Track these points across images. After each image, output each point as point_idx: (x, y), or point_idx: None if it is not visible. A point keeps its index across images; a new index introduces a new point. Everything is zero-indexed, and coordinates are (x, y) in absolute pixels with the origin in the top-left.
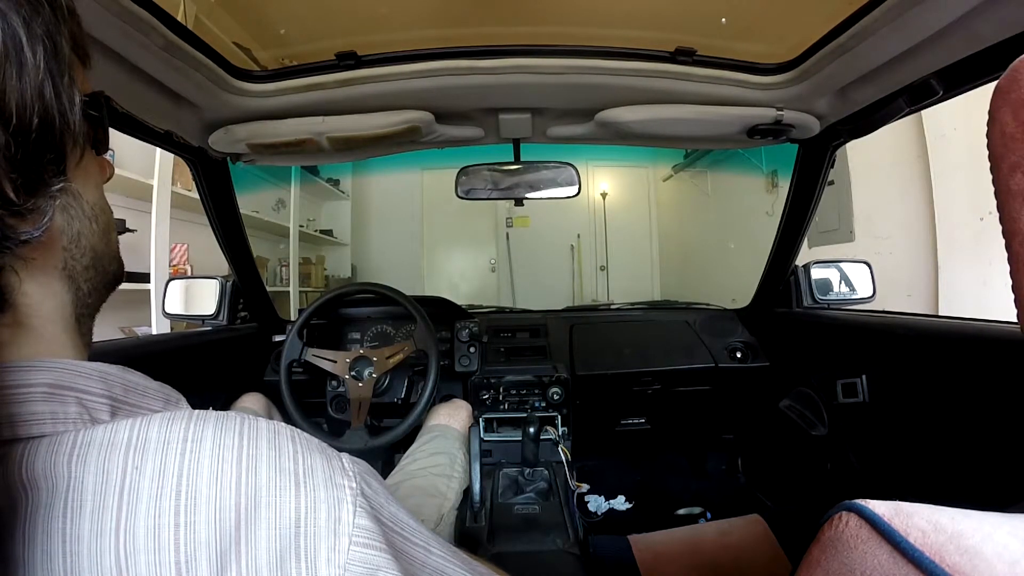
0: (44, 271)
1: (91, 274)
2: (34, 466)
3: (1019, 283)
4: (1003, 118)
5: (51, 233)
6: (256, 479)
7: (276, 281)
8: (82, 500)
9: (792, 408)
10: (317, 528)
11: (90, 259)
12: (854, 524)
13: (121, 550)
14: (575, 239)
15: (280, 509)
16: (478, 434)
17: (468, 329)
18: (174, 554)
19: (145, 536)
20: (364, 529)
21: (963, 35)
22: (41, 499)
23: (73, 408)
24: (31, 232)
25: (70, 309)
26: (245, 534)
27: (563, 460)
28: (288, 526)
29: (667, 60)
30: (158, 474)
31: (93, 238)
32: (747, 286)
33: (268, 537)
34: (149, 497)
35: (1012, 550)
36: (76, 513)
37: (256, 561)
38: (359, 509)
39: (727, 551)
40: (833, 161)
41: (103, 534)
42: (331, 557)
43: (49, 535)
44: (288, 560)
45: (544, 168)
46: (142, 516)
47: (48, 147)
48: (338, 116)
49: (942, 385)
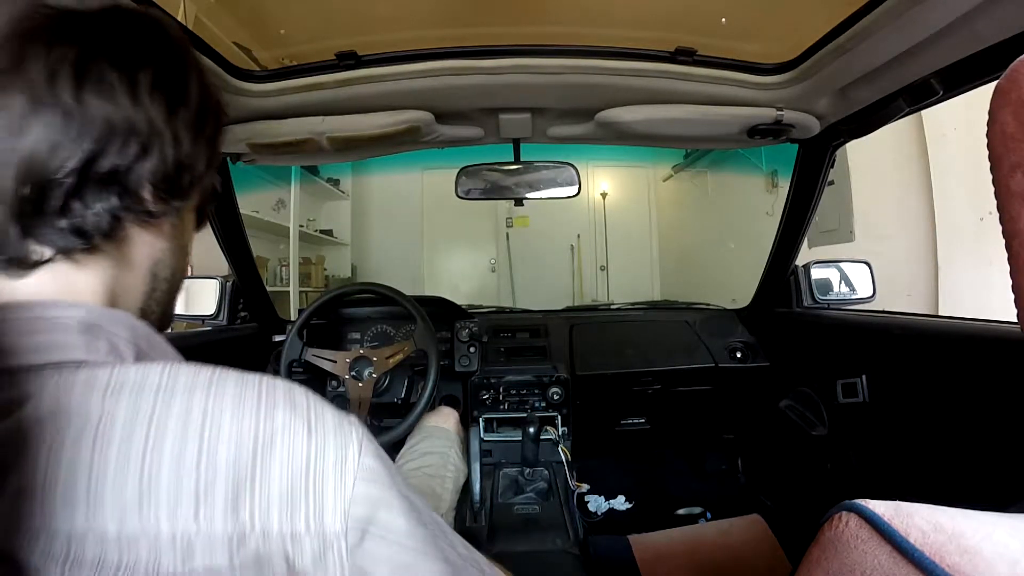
0: (144, 257)
1: (160, 293)
2: (69, 398)
3: (1019, 283)
4: (1003, 118)
5: (156, 237)
6: (273, 421)
7: (276, 281)
8: (111, 432)
9: (792, 408)
10: (325, 467)
11: (167, 282)
12: (854, 524)
13: (144, 477)
14: (575, 239)
15: (293, 448)
16: (478, 434)
17: (468, 329)
18: (194, 482)
19: (169, 465)
20: (368, 469)
21: (963, 35)
22: (71, 429)
23: (104, 345)
24: (155, 213)
25: (140, 299)
26: (260, 468)
27: (563, 460)
28: (300, 464)
29: (667, 60)
30: (185, 411)
31: (172, 267)
32: (747, 286)
33: (281, 473)
34: (175, 430)
35: (1012, 550)
36: (104, 443)
37: (268, 492)
38: (364, 451)
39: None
40: (833, 161)
41: (129, 461)
42: (338, 491)
43: (75, 463)
44: (298, 494)
45: (544, 168)
46: (167, 447)
47: (184, 181)
48: (338, 116)
49: (942, 385)
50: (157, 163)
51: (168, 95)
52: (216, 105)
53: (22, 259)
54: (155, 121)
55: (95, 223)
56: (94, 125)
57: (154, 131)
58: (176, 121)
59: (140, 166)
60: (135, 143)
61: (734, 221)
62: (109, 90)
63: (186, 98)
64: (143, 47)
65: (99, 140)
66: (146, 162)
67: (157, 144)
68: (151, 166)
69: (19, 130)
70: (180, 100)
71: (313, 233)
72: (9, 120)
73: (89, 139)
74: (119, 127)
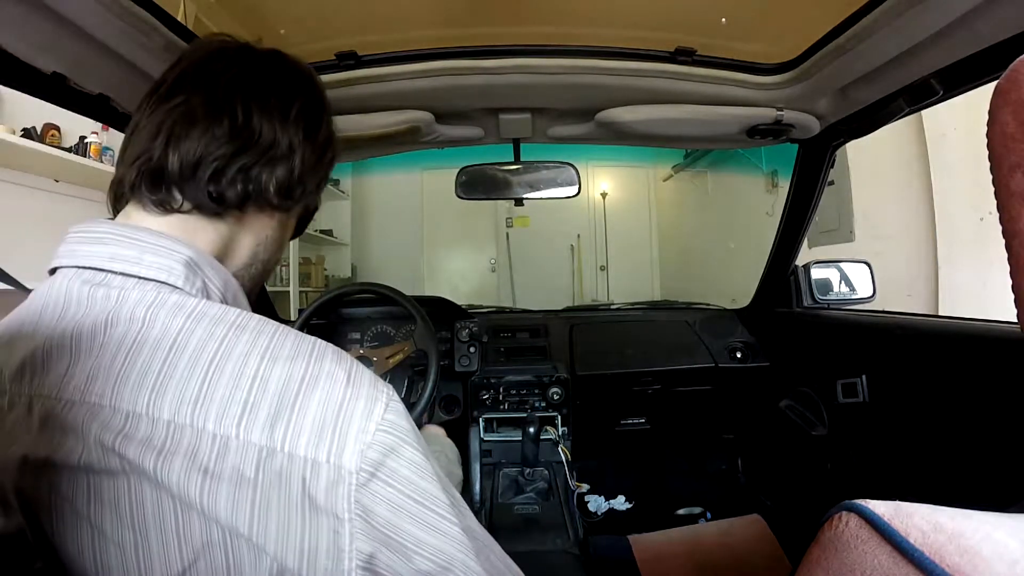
0: (254, 234)
1: (254, 271)
2: (160, 310)
3: (1019, 283)
4: (1003, 118)
5: (269, 221)
6: (321, 367)
7: (276, 281)
8: (188, 343)
9: (792, 408)
10: (355, 412)
11: (263, 264)
12: (854, 524)
13: (207, 380)
14: (575, 239)
15: (332, 391)
16: (478, 434)
17: (468, 329)
18: (246, 394)
19: (229, 377)
20: (391, 423)
21: (963, 35)
22: (154, 331)
23: (199, 283)
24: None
25: (239, 267)
26: (301, 401)
27: (563, 460)
28: (334, 405)
29: (667, 60)
30: (251, 342)
31: (271, 252)
32: (747, 286)
33: (316, 409)
34: (240, 354)
35: (1011, 550)
36: (181, 349)
37: (303, 421)
38: (390, 408)
39: (727, 551)
40: (833, 161)
41: (196, 366)
42: (359, 436)
43: (152, 356)
44: (327, 429)
45: (544, 168)
46: (230, 364)
47: (297, 192)
48: (338, 116)
49: (942, 385)
50: (285, 172)
51: (307, 124)
52: (336, 143)
53: (167, 202)
54: (293, 141)
55: (231, 195)
56: (251, 132)
57: (290, 147)
58: (307, 145)
59: (272, 169)
60: (274, 152)
61: (734, 221)
62: (269, 110)
63: (319, 130)
64: (297, 84)
65: (250, 143)
66: (277, 168)
67: (289, 158)
68: (280, 172)
69: (194, 119)
70: (315, 130)
71: (313, 233)
72: (187, 109)
73: (244, 141)
74: (267, 138)
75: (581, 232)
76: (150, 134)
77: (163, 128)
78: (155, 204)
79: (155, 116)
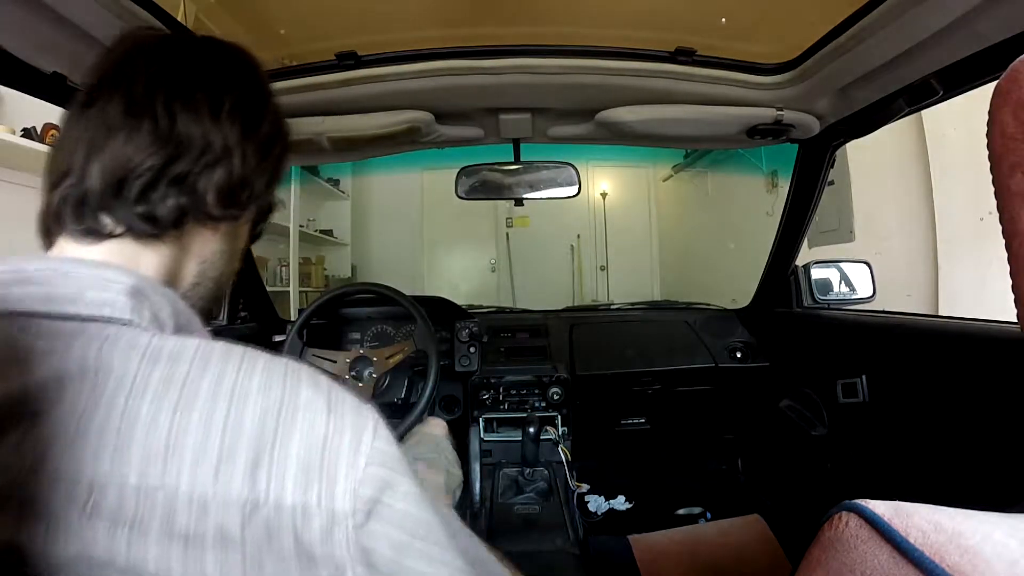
0: (198, 251)
1: (203, 289)
2: (111, 356)
3: (1019, 283)
4: (1003, 118)
5: (212, 236)
6: (297, 396)
7: (276, 281)
8: (146, 388)
9: (792, 408)
10: (341, 445)
11: (213, 281)
12: (854, 524)
13: (172, 432)
14: (575, 239)
15: (314, 423)
16: (478, 434)
17: (468, 329)
18: (219, 440)
19: (197, 421)
20: (381, 451)
21: (963, 35)
22: (109, 383)
23: (148, 312)
24: (214, 216)
25: (186, 288)
26: (281, 437)
27: (563, 460)
28: (318, 439)
29: (667, 60)
30: (217, 376)
31: (220, 268)
32: (747, 286)
33: (299, 444)
34: (206, 392)
35: (1011, 550)
36: (139, 396)
37: (286, 461)
38: (378, 435)
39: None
40: (833, 161)
41: (159, 416)
42: (349, 472)
43: (109, 411)
44: (313, 468)
45: (544, 168)
46: (198, 405)
47: (244, 196)
48: (338, 116)
49: (942, 385)
50: (223, 176)
51: (244, 119)
52: (284, 135)
53: (96, 230)
54: (228, 140)
55: (164, 213)
56: (176, 136)
57: (226, 148)
58: (247, 143)
59: (208, 175)
60: (208, 155)
61: (734, 221)
62: (195, 108)
63: (259, 124)
64: (229, 75)
65: (178, 148)
66: (214, 173)
67: (226, 159)
68: (218, 178)
69: (112, 129)
70: (253, 125)
71: (313, 233)
72: (105, 119)
73: (170, 146)
74: (197, 141)
75: (581, 232)
76: (69, 151)
77: (81, 143)
78: (83, 234)
79: (75, 129)
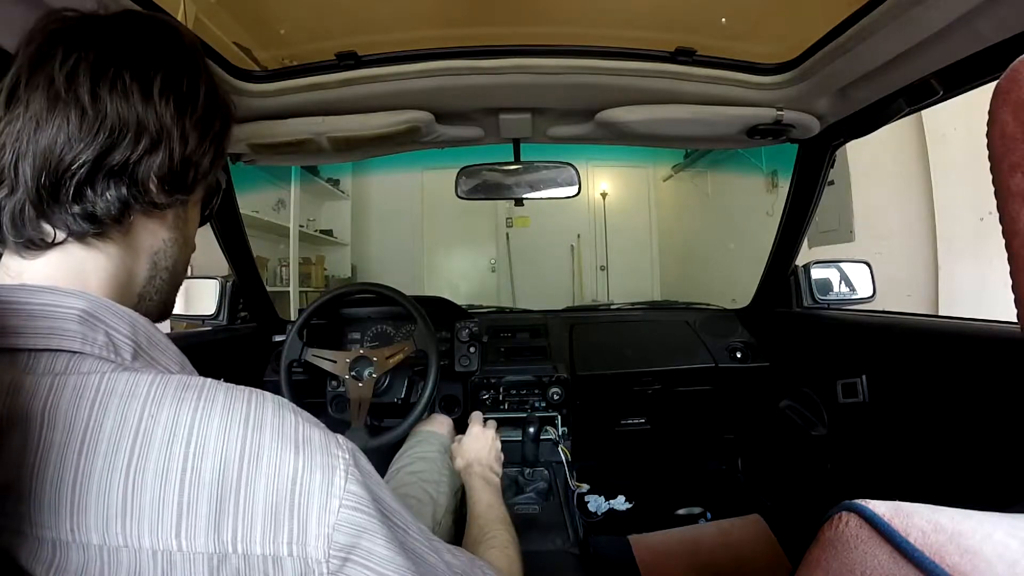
0: (148, 244)
1: (160, 282)
2: (58, 404)
3: (1019, 283)
4: (1003, 118)
5: (160, 226)
6: (260, 438)
7: (276, 281)
8: (98, 440)
9: (792, 408)
10: (311, 488)
11: (168, 271)
12: (854, 524)
13: (129, 487)
14: (575, 239)
15: (280, 467)
16: None
17: (468, 329)
18: (178, 494)
19: (153, 476)
20: (354, 494)
21: (963, 35)
22: (57, 434)
23: (101, 337)
24: (160, 204)
25: (141, 285)
26: (245, 485)
27: (563, 460)
28: (285, 483)
29: (667, 60)
30: (171, 423)
31: (174, 256)
32: (747, 286)
33: (266, 491)
34: (161, 442)
35: (1012, 550)
36: (91, 451)
37: (252, 510)
38: (350, 476)
39: (727, 551)
40: (833, 161)
41: (113, 471)
42: (321, 516)
43: (61, 469)
44: (282, 514)
45: (544, 168)
46: (152, 458)
47: (189, 177)
48: (338, 116)
49: (942, 385)
50: (164, 159)
51: (178, 96)
52: (224, 107)
53: (37, 240)
54: (164, 120)
55: (105, 210)
56: (108, 122)
57: (163, 129)
58: (184, 121)
59: (148, 161)
60: (145, 139)
61: (734, 221)
62: (123, 90)
63: (195, 100)
64: (156, 51)
65: (111, 135)
66: (154, 157)
67: (165, 141)
68: (158, 161)
69: (38, 125)
70: (189, 101)
71: (313, 233)
72: (30, 115)
73: (102, 134)
74: (130, 124)
75: (581, 232)
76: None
77: (6, 148)
78: (25, 247)
79: (2, 131)
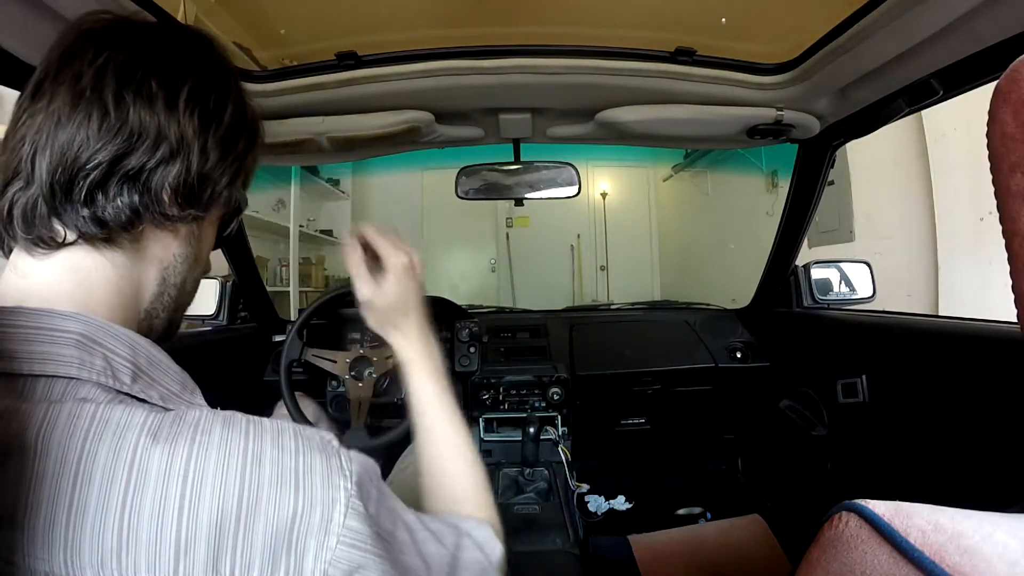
0: (158, 257)
1: (168, 299)
2: (52, 433)
3: (1019, 283)
4: (1003, 118)
5: (172, 240)
6: (260, 474)
7: (276, 281)
8: (92, 474)
9: (792, 408)
10: (310, 526)
11: (176, 288)
12: (854, 524)
13: (125, 523)
14: (575, 239)
15: (279, 507)
16: (478, 434)
17: (468, 329)
18: (175, 534)
19: (150, 515)
20: (352, 530)
21: (963, 35)
22: (50, 465)
23: (99, 362)
24: (172, 217)
25: (148, 300)
26: (244, 524)
27: (563, 460)
28: (285, 522)
29: (667, 60)
30: (167, 458)
31: (184, 274)
32: (747, 286)
33: (265, 530)
34: (157, 479)
35: (1012, 550)
36: (85, 485)
37: (251, 550)
38: (351, 511)
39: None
40: (833, 161)
41: (109, 507)
42: (318, 553)
43: (55, 499)
44: (280, 552)
45: (544, 168)
46: (148, 496)
47: (205, 194)
48: (338, 116)
49: (942, 385)
50: (180, 170)
51: (203, 110)
52: (252, 130)
53: (47, 239)
54: (186, 132)
55: (115, 214)
56: (128, 126)
57: (183, 140)
58: (207, 135)
59: (164, 170)
60: (163, 148)
61: (734, 221)
62: (148, 96)
63: (220, 116)
64: (188, 62)
65: (129, 140)
66: (170, 167)
67: (183, 153)
68: (174, 172)
69: (59, 120)
70: (214, 117)
71: (313, 233)
72: (52, 109)
73: (120, 137)
74: (150, 131)
75: (581, 232)
76: (15, 148)
77: (26, 140)
78: (34, 244)
79: (22, 126)
